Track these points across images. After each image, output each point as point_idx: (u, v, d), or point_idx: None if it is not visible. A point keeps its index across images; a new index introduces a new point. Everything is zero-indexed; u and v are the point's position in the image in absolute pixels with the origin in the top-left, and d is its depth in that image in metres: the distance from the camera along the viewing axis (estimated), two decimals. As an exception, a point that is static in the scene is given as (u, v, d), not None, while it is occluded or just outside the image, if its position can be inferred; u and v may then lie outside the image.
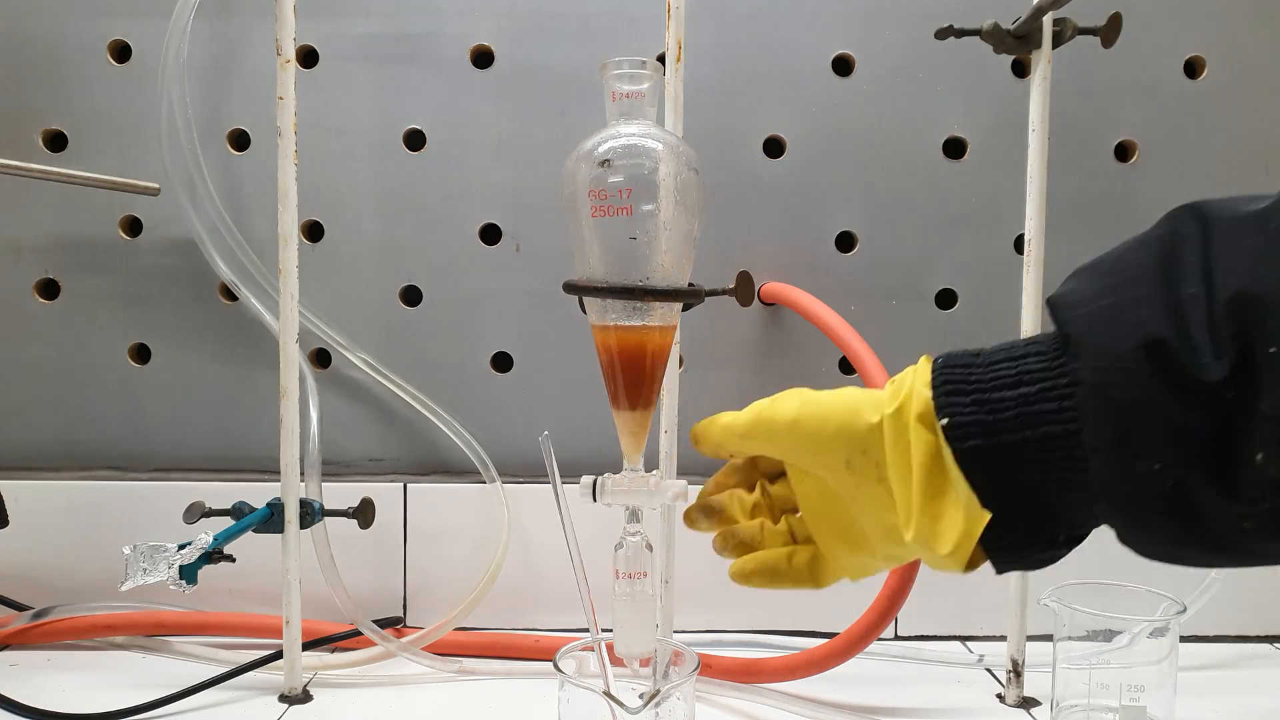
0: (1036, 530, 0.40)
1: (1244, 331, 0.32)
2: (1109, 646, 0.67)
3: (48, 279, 0.92)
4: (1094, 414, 0.36)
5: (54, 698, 0.72)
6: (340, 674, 0.81)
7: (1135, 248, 0.37)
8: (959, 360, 0.41)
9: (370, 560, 0.88)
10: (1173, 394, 0.34)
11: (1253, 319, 0.32)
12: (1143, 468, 0.35)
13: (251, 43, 0.89)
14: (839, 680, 0.78)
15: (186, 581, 0.69)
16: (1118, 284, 0.36)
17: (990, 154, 0.91)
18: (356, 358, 0.89)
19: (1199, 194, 0.34)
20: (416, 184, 0.91)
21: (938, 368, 0.41)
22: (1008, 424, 0.38)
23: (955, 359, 0.41)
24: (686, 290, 0.51)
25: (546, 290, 0.91)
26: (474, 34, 0.90)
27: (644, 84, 0.50)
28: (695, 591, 0.81)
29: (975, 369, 0.40)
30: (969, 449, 0.39)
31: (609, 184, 0.48)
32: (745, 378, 0.92)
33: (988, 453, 0.38)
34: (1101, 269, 0.38)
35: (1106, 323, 0.36)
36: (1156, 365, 0.34)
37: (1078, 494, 0.38)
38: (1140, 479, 0.35)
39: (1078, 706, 0.68)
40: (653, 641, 0.53)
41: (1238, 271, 0.33)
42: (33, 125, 0.90)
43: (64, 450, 0.92)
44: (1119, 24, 0.72)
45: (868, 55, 0.90)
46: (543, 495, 0.88)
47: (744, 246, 0.91)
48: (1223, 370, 0.33)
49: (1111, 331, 0.35)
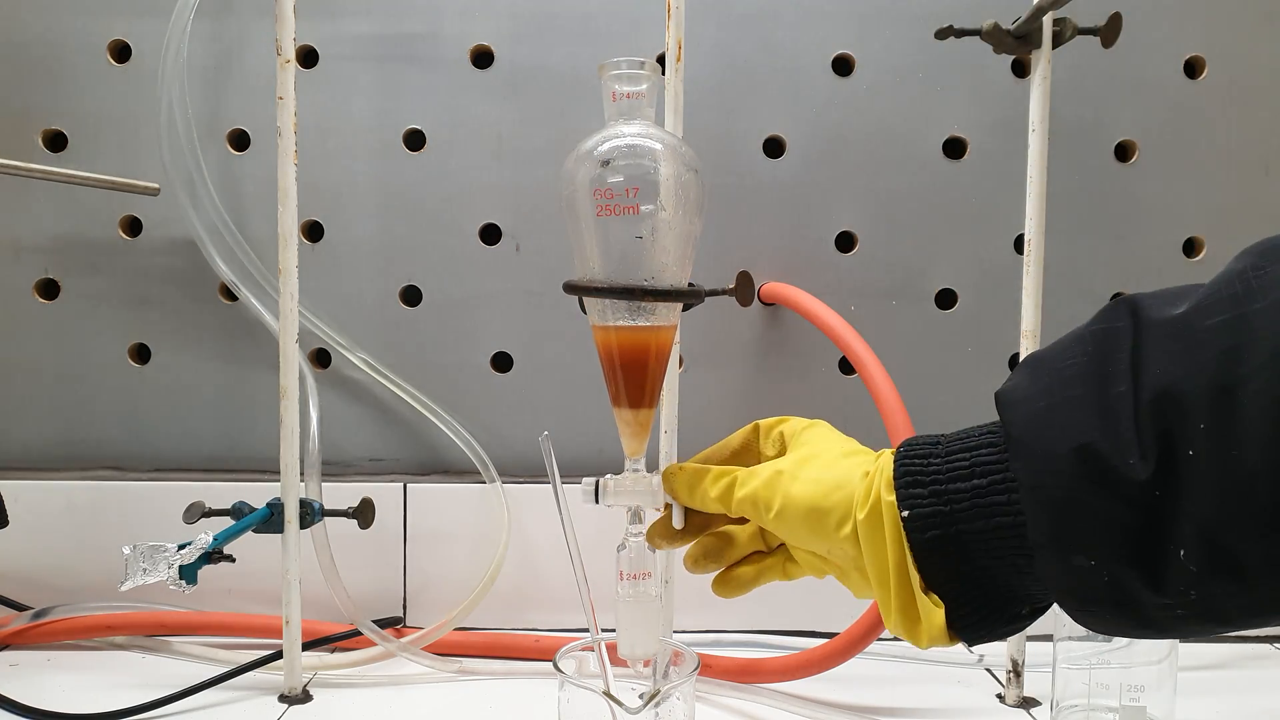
0: (999, 608, 0.42)
1: (1167, 432, 0.34)
2: (1109, 646, 0.67)
3: (48, 279, 0.92)
4: (1031, 513, 0.38)
5: (54, 698, 0.72)
6: (340, 674, 0.81)
7: (1073, 344, 0.39)
8: (919, 451, 0.43)
9: (370, 560, 0.88)
10: (1101, 494, 0.35)
11: (1174, 421, 0.34)
12: (1078, 563, 0.37)
13: (251, 43, 0.89)
14: (839, 680, 0.78)
15: (186, 581, 0.69)
16: (1054, 385, 0.38)
17: (990, 154, 0.91)
18: (356, 358, 0.89)
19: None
20: (416, 184, 0.91)
21: (899, 459, 0.43)
22: (963, 515, 0.40)
23: (916, 449, 0.43)
24: (686, 290, 0.51)
25: (546, 290, 0.91)
26: (474, 34, 0.90)
27: (643, 84, 0.50)
28: (695, 591, 0.81)
29: (934, 460, 0.42)
30: (929, 539, 0.41)
31: (612, 183, 0.48)
32: (745, 378, 0.92)
33: (947, 542, 0.40)
34: (1042, 366, 0.40)
35: (1041, 426, 0.38)
36: (1086, 468, 0.36)
37: (1031, 578, 0.40)
38: (1077, 573, 0.37)
39: (1078, 706, 0.68)
40: (656, 643, 0.52)
41: (1161, 374, 0.35)
42: (33, 125, 0.90)
43: (64, 450, 0.92)
44: (1119, 24, 0.72)
45: (868, 55, 0.90)
46: (543, 495, 0.88)
47: (744, 246, 0.91)
48: (1147, 470, 0.34)
49: (1046, 435, 0.37)
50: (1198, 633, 0.37)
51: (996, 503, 0.39)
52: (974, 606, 0.41)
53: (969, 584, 0.41)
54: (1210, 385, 0.33)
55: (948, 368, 0.92)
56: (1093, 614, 0.38)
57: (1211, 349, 0.34)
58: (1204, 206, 0.91)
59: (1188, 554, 0.34)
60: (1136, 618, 0.37)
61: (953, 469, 0.41)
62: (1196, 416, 0.33)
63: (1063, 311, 0.87)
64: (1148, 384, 0.35)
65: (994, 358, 0.92)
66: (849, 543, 0.44)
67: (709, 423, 0.77)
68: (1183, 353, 0.34)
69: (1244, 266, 0.34)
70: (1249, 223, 0.91)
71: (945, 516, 0.40)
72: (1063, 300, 0.88)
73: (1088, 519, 0.36)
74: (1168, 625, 0.37)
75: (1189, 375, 0.34)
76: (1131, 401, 0.35)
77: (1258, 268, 0.34)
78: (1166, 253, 0.91)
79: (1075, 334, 0.39)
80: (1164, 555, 0.35)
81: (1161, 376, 0.35)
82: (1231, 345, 0.33)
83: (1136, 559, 0.35)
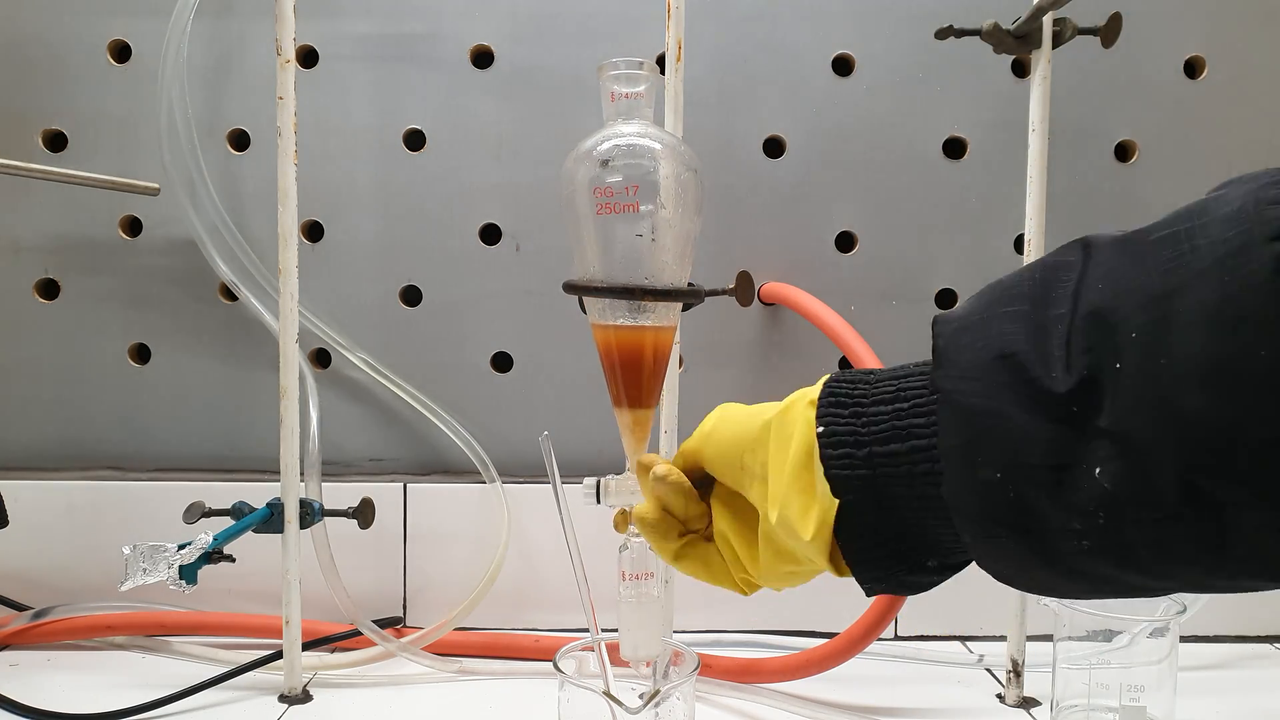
0: (901, 549, 0.40)
1: (1095, 347, 0.32)
2: (1109, 646, 0.67)
3: (48, 279, 0.92)
4: (945, 422, 0.37)
5: (54, 698, 0.72)
6: (340, 674, 0.81)
7: (1022, 272, 0.38)
8: (849, 377, 0.42)
9: (370, 560, 0.88)
10: (1018, 404, 0.34)
11: (1105, 335, 0.32)
12: (984, 476, 0.35)
13: (251, 43, 0.89)
14: (839, 680, 0.78)
15: (186, 581, 0.69)
16: (992, 302, 0.37)
17: (990, 154, 0.91)
18: (356, 358, 0.89)
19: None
20: (416, 184, 0.91)
21: (829, 382, 0.42)
22: (879, 436, 0.39)
23: (846, 375, 0.42)
24: (686, 290, 0.51)
25: (546, 290, 0.91)
26: (474, 34, 0.90)
27: (641, 85, 0.50)
28: (695, 591, 0.81)
29: (860, 384, 0.41)
30: (839, 455, 0.40)
31: (612, 183, 0.48)
32: (745, 378, 0.92)
33: (858, 462, 0.39)
34: (986, 291, 0.38)
35: (970, 336, 0.36)
36: (1007, 377, 0.34)
37: (938, 513, 0.38)
38: (983, 488, 0.35)
39: (1078, 706, 0.68)
40: (658, 643, 0.52)
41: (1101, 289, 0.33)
42: (33, 125, 0.90)
43: (64, 450, 0.92)
44: (1119, 24, 0.72)
45: (868, 55, 0.90)
46: (543, 495, 0.88)
47: (744, 246, 0.91)
48: (1069, 384, 0.33)
49: (973, 344, 0.36)
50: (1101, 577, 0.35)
51: (915, 425, 0.38)
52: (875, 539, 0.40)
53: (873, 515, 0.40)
54: (1146, 296, 0.31)
55: (948, 368, 0.91)
56: (995, 541, 0.36)
57: (1153, 260, 0.32)
58: (1204, 206, 0.91)
59: (1102, 471, 0.32)
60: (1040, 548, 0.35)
61: (878, 394, 0.40)
62: (1129, 327, 0.31)
63: (1063, 311, 0.88)
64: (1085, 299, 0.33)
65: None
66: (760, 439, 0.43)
67: (709, 423, 0.77)
68: (1125, 266, 0.33)
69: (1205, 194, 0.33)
70: (1249, 223, 0.91)
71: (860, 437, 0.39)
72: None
73: (1001, 429, 0.34)
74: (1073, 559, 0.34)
75: (1126, 290, 0.32)
76: (1067, 320, 0.34)
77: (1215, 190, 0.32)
78: (1166, 253, 0.91)
79: (1028, 265, 0.38)
80: (1075, 472, 0.33)
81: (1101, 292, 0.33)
82: (1174, 255, 0.31)
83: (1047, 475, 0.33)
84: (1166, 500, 0.31)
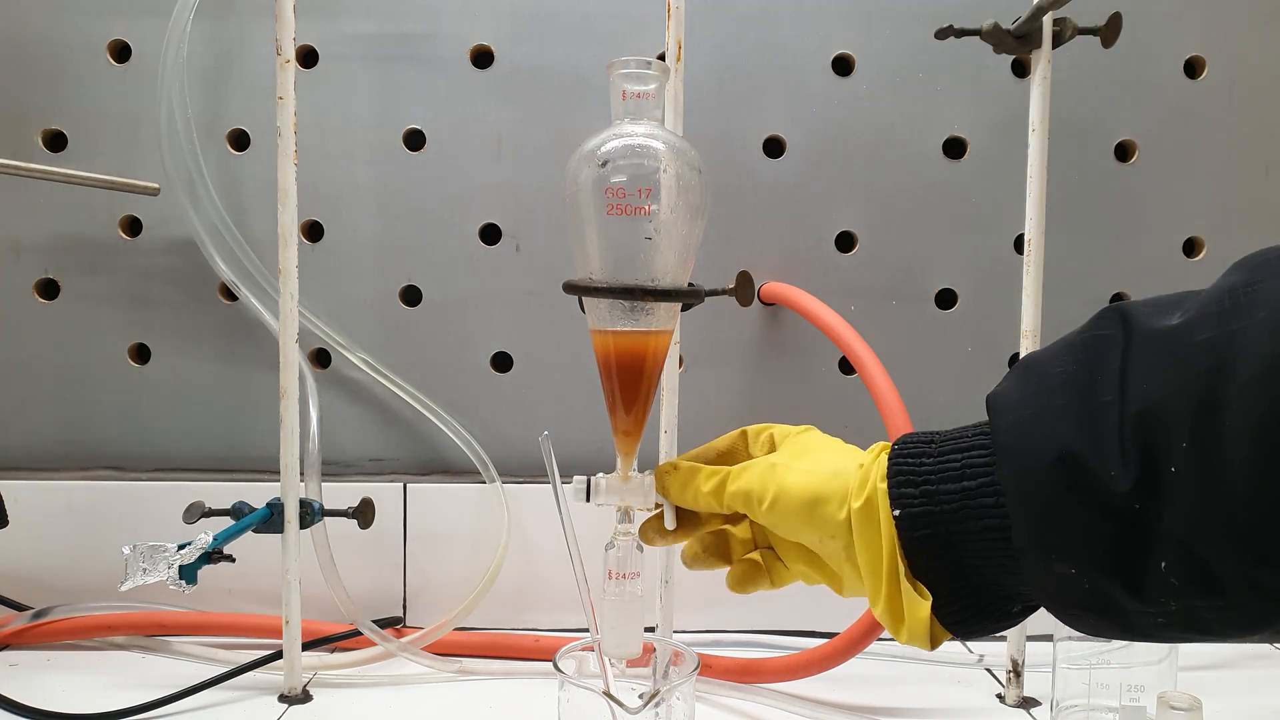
0: (988, 605, 0.42)
1: (1150, 446, 0.34)
2: (1109, 646, 0.67)
3: (48, 279, 0.91)
4: (1015, 518, 0.38)
5: (54, 698, 0.72)
6: (340, 674, 0.81)
7: (1062, 351, 0.39)
8: (913, 450, 0.43)
9: (370, 560, 0.88)
10: (1083, 504, 0.36)
11: (1157, 437, 0.34)
12: (1060, 570, 0.37)
13: (251, 43, 0.89)
14: (839, 680, 0.78)
15: (186, 581, 0.69)
16: (1041, 392, 0.38)
17: (990, 154, 0.91)
18: (356, 358, 0.89)
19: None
20: (416, 184, 0.91)
21: (893, 457, 0.43)
22: (953, 515, 0.41)
23: (910, 448, 0.43)
24: (686, 290, 0.51)
25: (546, 290, 0.91)
26: (474, 34, 0.90)
27: (651, 84, 0.50)
28: (695, 591, 0.81)
29: (926, 459, 0.42)
30: (919, 538, 0.41)
31: (616, 183, 0.48)
32: (745, 378, 0.92)
33: (936, 542, 0.41)
34: (1032, 372, 0.40)
35: (1026, 435, 0.38)
36: (1068, 477, 0.36)
37: (1019, 578, 0.40)
38: (1060, 579, 0.37)
39: (1078, 706, 0.68)
40: (639, 642, 0.52)
41: (1147, 388, 0.35)
42: (33, 125, 0.90)
43: (63, 450, 0.92)
44: (1119, 24, 0.72)
45: (868, 55, 0.90)
46: (542, 495, 0.88)
47: (744, 246, 0.91)
48: (1129, 482, 0.35)
49: (1030, 443, 0.38)
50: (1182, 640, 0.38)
51: (985, 505, 0.40)
52: (963, 603, 0.42)
53: (958, 580, 0.41)
54: (1194, 404, 0.33)
55: (947, 368, 0.92)
56: (1077, 618, 0.39)
57: (1197, 366, 0.33)
58: (1204, 206, 0.91)
59: (1168, 566, 0.35)
60: (1120, 623, 0.37)
61: (944, 469, 0.41)
62: (1179, 435, 0.33)
63: (1063, 312, 0.87)
64: (1133, 397, 0.35)
65: (994, 358, 0.92)
66: (842, 530, 0.44)
67: (709, 423, 0.77)
68: (1169, 369, 0.34)
69: (1234, 282, 0.34)
70: (1249, 223, 0.91)
71: (935, 517, 0.41)
72: (1063, 300, 0.88)
73: (1068, 527, 0.36)
74: (1151, 631, 0.37)
75: (1173, 393, 0.34)
76: (1117, 413, 0.35)
77: (1248, 283, 0.34)
78: (1166, 253, 0.91)
79: (1066, 340, 0.39)
80: (1145, 566, 0.35)
81: (1147, 391, 0.35)
82: (1216, 363, 0.33)
83: (1117, 569, 0.36)
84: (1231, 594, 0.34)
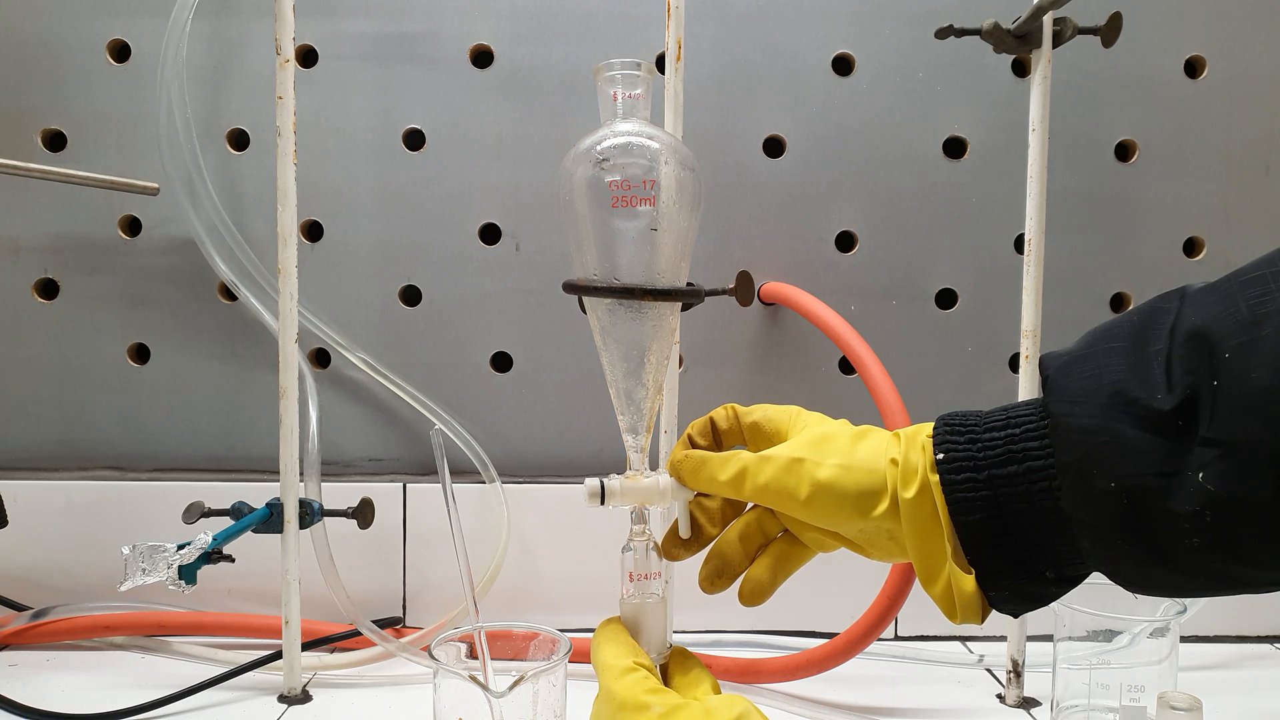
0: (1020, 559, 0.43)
1: (1194, 370, 0.37)
2: (1109, 647, 0.67)
3: (47, 279, 0.91)
4: (1060, 441, 0.41)
5: (54, 698, 0.72)
6: (340, 674, 0.81)
7: (1122, 315, 0.43)
8: (958, 413, 0.46)
9: (370, 560, 0.88)
10: (1127, 423, 0.38)
11: (1202, 360, 0.37)
12: (1100, 486, 0.39)
13: (251, 42, 0.89)
14: (839, 680, 0.78)
15: (186, 582, 0.69)
16: (1096, 339, 0.42)
17: (990, 154, 0.91)
18: (356, 357, 0.89)
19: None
20: (416, 184, 0.91)
21: (941, 417, 0.46)
22: (996, 459, 0.43)
23: (955, 412, 0.46)
24: (686, 290, 0.51)
25: (546, 290, 0.91)
26: (474, 34, 0.90)
27: (639, 87, 0.50)
28: (695, 592, 0.81)
29: (971, 417, 0.45)
30: (962, 480, 0.43)
31: (610, 182, 0.48)
32: (745, 377, 0.92)
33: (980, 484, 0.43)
34: (1087, 334, 0.43)
35: (1078, 368, 0.41)
36: (1115, 400, 0.39)
37: (1054, 526, 0.42)
38: (1099, 498, 0.39)
39: (1078, 707, 0.68)
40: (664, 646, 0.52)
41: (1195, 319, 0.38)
42: (32, 125, 0.90)
43: (63, 450, 0.92)
44: (1119, 24, 0.72)
45: (868, 55, 0.90)
46: (542, 495, 0.89)
47: (744, 246, 0.91)
48: (1172, 403, 0.38)
49: (1080, 374, 0.41)
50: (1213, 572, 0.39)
51: (1030, 448, 0.42)
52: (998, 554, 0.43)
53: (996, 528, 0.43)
54: (1238, 323, 0.37)
55: (948, 368, 0.92)
56: (1111, 547, 0.40)
57: (1243, 296, 0.37)
58: (1204, 206, 0.91)
59: (1206, 475, 0.36)
60: (1155, 548, 0.39)
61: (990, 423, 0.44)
62: (1223, 349, 0.36)
63: (1063, 311, 0.88)
64: (1182, 330, 0.38)
65: (994, 358, 0.91)
66: (887, 518, 0.45)
67: (709, 423, 0.77)
68: (1217, 302, 0.38)
69: None
70: (1249, 223, 0.91)
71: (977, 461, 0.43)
72: (1063, 300, 0.88)
73: (1112, 444, 0.39)
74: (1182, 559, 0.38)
75: (1220, 316, 0.37)
76: (1165, 352, 0.39)
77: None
78: (1166, 253, 0.91)
79: (1129, 310, 0.43)
80: (1182, 478, 0.37)
81: (1196, 321, 0.38)
82: (1261, 292, 0.37)
83: (1157, 480, 0.38)
84: (1264, 495, 0.35)
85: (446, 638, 0.57)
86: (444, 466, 0.53)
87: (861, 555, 0.49)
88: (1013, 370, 0.89)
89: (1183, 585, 0.40)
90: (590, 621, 0.54)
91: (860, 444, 0.47)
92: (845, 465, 0.46)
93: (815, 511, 0.46)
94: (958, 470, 0.43)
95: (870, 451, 0.46)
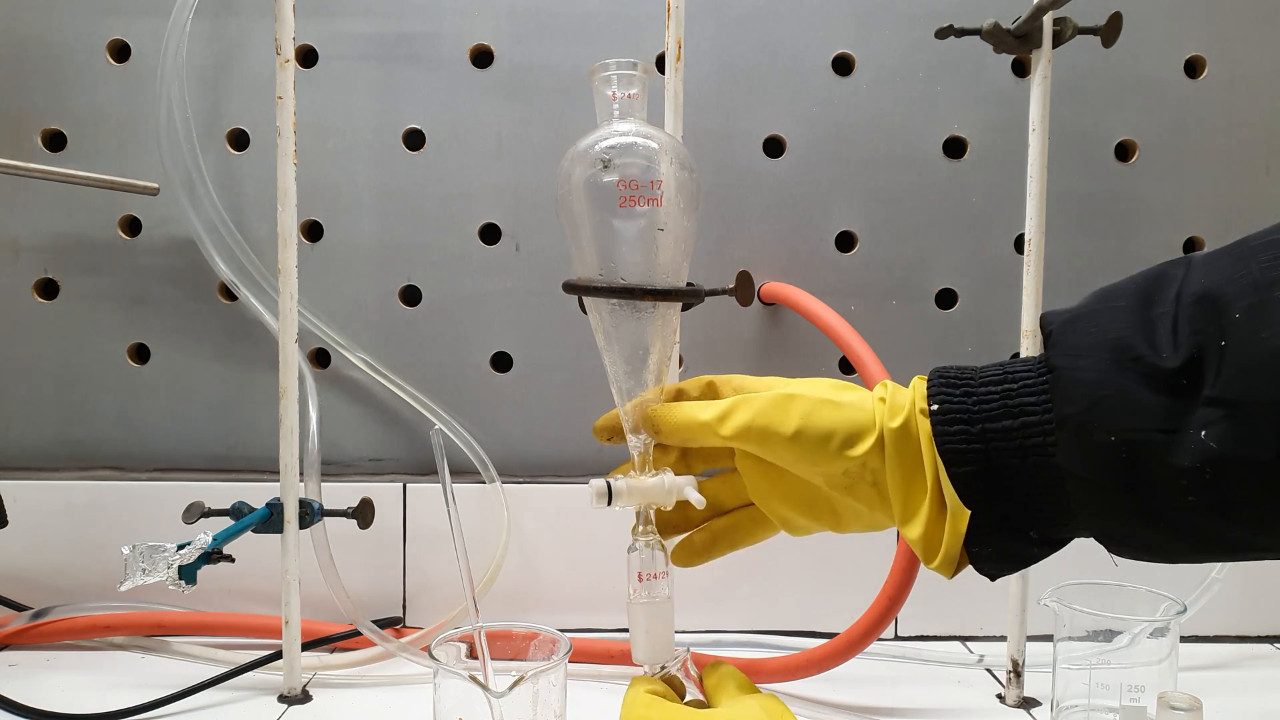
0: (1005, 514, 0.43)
1: (1201, 330, 0.37)
2: (1109, 647, 0.67)
3: (47, 279, 0.91)
4: (1061, 393, 0.41)
5: (54, 698, 0.72)
6: (340, 674, 0.81)
7: (1125, 279, 0.43)
8: (955, 369, 0.45)
9: (370, 560, 0.88)
10: (1131, 378, 0.38)
11: (1211, 320, 0.37)
12: (1099, 439, 0.39)
13: (251, 42, 0.89)
14: (839, 680, 0.78)
15: (186, 582, 0.69)
16: (1100, 298, 0.42)
17: (990, 154, 0.91)
18: (356, 357, 0.89)
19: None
20: (416, 184, 0.91)
21: (933, 372, 0.45)
22: (990, 414, 0.42)
23: (951, 368, 0.46)
24: (686, 290, 0.51)
25: (546, 290, 0.91)
26: (474, 34, 0.90)
27: (635, 86, 0.50)
28: (695, 591, 0.81)
29: (967, 371, 0.45)
30: (955, 432, 0.43)
31: (608, 182, 0.48)
32: (745, 378, 0.92)
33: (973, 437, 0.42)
34: (1092, 295, 0.43)
35: (1082, 324, 0.41)
36: (1119, 355, 0.39)
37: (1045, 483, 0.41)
38: (1098, 450, 0.39)
39: (1078, 707, 0.68)
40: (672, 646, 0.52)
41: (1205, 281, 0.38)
42: (32, 125, 0.90)
43: (63, 450, 0.92)
44: (1119, 24, 0.72)
45: (868, 55, 0.90)
46: (543, 495, 0.89)
47: (744, 246, 0.90)
48: (1177, 361, 0.37)
49: (1084, 330, 0.41)
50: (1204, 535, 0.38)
51: (1026, 403, 0.42)
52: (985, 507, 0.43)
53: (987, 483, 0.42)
54: (1248, 285, 0.36)
55: (948, 368, 0.91)
56: (1104, 504, 0.40)
57: (1254, 260, 0.37)
58: (1204, 206, 0.91)
59: (1209, 433, 0.36)
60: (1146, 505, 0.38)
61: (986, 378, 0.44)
62: (1234, 309, 0.36)
63: (1063, 311, 0.88)
64: (1189, 291, 0.38)
65: (994, 358, 0.91)
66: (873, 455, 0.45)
67: (709, 423, 0.77)
68: (1228, 265, 0.38)
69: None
70: (1249, 223, 0.91)
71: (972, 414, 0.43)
72: (1063, 300, 0.88)
73: (1115, 398, 0.38)
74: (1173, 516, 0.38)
75: (1230, 279, 0.37)
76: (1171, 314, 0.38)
77: None
78: (1166, 253, 0.91)
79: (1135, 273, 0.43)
80: (1184, 436, 0.37)
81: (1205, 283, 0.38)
82: (1274, 255, 0.36)
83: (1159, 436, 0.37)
84: (1264, 456, 0.35)
85: (446, 638, 0.57)
86: (444, 466, 0.53)
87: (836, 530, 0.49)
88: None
89: (1170, 549, 0.40)
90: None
91: (847, 389, 0.48)
92: (834, 401, 0.46)
93: (801, 447, 0.46)
94: (951, 422, 0.43)
95: (858, 394, 0.47)
